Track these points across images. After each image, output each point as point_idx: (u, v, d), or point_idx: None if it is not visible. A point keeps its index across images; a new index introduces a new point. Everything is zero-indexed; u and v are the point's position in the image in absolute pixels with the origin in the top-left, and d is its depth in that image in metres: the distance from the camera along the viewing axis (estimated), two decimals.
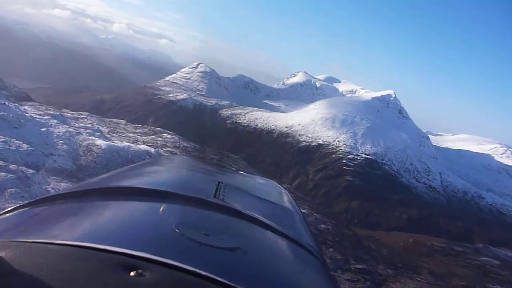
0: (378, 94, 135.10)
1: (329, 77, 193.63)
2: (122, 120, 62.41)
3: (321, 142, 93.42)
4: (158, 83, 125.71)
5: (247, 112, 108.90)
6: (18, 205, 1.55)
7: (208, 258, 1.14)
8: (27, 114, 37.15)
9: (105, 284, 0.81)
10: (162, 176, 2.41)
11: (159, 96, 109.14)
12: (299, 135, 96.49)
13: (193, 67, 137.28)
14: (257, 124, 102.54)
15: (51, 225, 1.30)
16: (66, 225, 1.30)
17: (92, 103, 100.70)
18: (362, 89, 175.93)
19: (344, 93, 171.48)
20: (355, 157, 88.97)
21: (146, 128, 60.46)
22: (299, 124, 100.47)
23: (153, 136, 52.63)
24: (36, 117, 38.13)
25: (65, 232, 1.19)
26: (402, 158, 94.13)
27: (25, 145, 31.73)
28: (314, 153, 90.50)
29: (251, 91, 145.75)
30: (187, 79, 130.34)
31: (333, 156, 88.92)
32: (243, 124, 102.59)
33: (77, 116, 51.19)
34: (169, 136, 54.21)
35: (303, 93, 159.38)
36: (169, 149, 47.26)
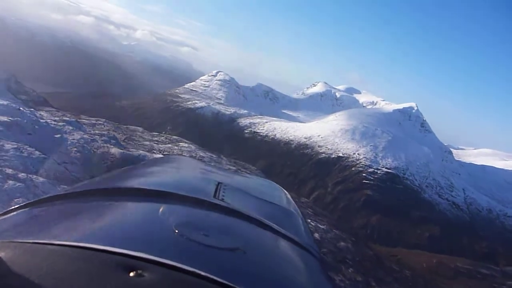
0: (400, 106, 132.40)
1: (349, 88, 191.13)
2: (139, 128, 61.64)
3: (340, 154, 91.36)
4: (177, 90, 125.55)
5: (266, 122, 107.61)
6: (18, 205, 1.55)
7: (207, 258, 1.14)
8: (42, 120, 36.39)
9: (105, 285, 0.82)
10: (162, 176, 2.39)
11: (177, 104, 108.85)
12: (318, 146, 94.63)
13: (212, 75, 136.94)
14: (275, 134, 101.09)
15: (51, 226, 1.31)
16: (65, 225, 1.31)
17: (111, 109, 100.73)
18: (383, 100, 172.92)
19: (364, 105, 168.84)
20: (376, 170, 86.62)
21: (163, 136, 59.50)
22: (318, 135, 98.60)
23: (170, 145, 51.56)
24: (51, 123, 37.34)
25: (65, 233, 1.20)
26: (424, 173, 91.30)
27: (37, 152, 30.88)
28: (333, 165, 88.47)
29: (270, 101, 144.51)
30: (206, 87, 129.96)
31: (353, 169, 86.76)
32: (261, 133, 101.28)
33: (94, 122, 50.43)
34: (185, 145, 53.09)
35: (323, 104, 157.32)
36: None
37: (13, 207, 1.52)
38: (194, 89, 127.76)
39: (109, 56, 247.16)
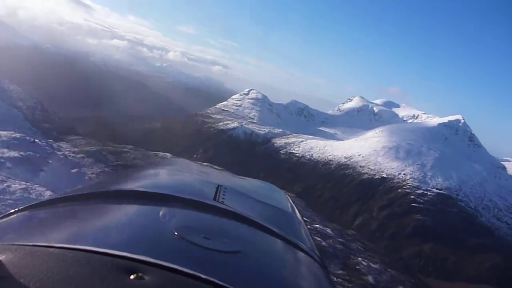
0: (445, 119, 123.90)
1: (387, 102, 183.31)
2: (168, 154, 58.07)
3: (384, 175, 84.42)
4: (209, 111, 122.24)
5: (302, 141, 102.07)
6: (18, 208, 1.55)
7: (208, 261, 1.15)
8: (59, 153, 32.66)
9: (105, 287, 0.82)
10: (162, 179, 2.43)
11: (209, 125, 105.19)
12: (360, 166, 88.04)
13: (244, 94, 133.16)
14: (312, 154, 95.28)
15: (51, 229, 1.32)
16: (66, 228, 1.31)
17: (141, 133, 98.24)
18: (425, 113, 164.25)
19: (404, 119, 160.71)
20: (425, 192, 79.17)
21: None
22: (359, 155, 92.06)
23: None
24: (69, 156, 33.53)
25: (65, 236, 1.21)
26: (479, 193, 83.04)
27: (48, 192, 26.84)
28: (377, 187, 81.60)
29: (305, 118, 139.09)
30: (238, 106, 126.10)
31: (399, 191, 79.61)
32: (297, 154, 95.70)
33: (120, 150, 46.94)
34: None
35: (360, 119, 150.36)
36: None
37: (13, 210, 1.54)
38: (225, 109, 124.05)
39: (142, 78, 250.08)
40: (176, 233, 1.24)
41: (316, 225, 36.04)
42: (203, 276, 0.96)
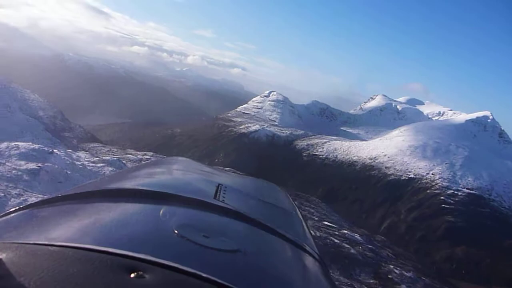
0: (472, 116, 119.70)
1: (411, 99, 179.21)
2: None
3: (412, 175, 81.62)
4: (229, 114, 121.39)
5: (325, 142, 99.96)
6: (19, 206, 1.56)
7: (208, 260, 1.16)
8: (78, 163, 32.02)
9: (106, 286, 0.82)
10: (162, 178, 2.40)
11: (230, 129, 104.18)
12: (386, 167, 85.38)
13: (264, 96, 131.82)
14: (336, 155, 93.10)
15: (52, 227, 1.31)
16: (66, 226, 1.31)
17: (162, 138, 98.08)
18: (451, 110, 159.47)
19: (430, 116, 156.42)
20: (455, 192, 76.05)
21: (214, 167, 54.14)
22: (385, 155, 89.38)
23: None
24: (88, 165, 32.88)
25: (66, 234, 1.21)
26: None
27: None
28: (404, 188, 78.92)
29: (327, 118, 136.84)
30: (259, 108, 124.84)
31: (428, 191, 76.75)
32: (320, 156, 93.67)
33: (140, 157, 46.29)
34: None
35: (384, 118, 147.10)
36: None
37: (14, 208, 1.54)
38: (246, 111, 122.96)
39: (162, 83, 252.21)
40: (176, 232, 1.25)
41: (344, 231, 34.40)
42: (204, 275, 0.96)
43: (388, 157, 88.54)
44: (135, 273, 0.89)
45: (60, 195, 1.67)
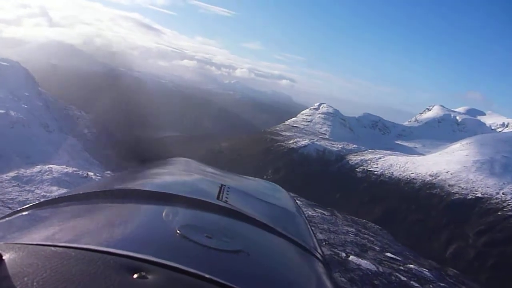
0: None
1: (470, 109, 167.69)
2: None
3: (479, 194, 74.03)
4: (277, 128, 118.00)
5: (379, 157, 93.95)
6: (22, 207, 1.58)
7: (211, 260, 1.16)
8: None
9: (109, 286, 0.82)
10: (165, 178, 2.43)
11: (279, 143, 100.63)
12: (449, 185, 78.18)
13: (314, 108, 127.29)
14: (392, 172, 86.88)
15: (54, 228, 1.32)
16: (69, 227, 1.32)
17: (209, 153, 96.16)
18: None
19: (492, 128, 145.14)
20: None
21: None
22: (447, 171, 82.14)
23: None
24: None
25: (69, 235, 1.21)
26: None
27: None
28: (471, 209, 71.53)
29: (380, 131, 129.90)
30: (308, 121, 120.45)
31: (499, 213, 69.04)
32: (375, 172, 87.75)
33: None
34: None
35: (442, 130, 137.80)
36: None
37: (17, 209, 1.56)
38: (295, 125, 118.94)
39: (211, 96, 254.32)
40: (179, 232, 1.25)
41: (411, 265, 29.72)
42: (207, 275, 0.96)
43: (451, 174, 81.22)
44: (138, 274, 0.89)
45: (63, 196, 1.71)
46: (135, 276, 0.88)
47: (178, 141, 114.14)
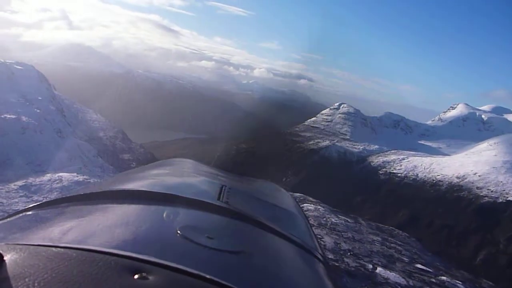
0: None
1: (496, 107, 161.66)
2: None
3: (510, 198, 70.36)
4: (297, 128, 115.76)
5: (403, 158, 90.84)
6: (23, 208, 1.59)
7: (211, 261, 1.16)
8: None
9: (110, 287, 0.83)
10: (166, 179, 2.41)
11: (298, 145, 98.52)
12: (477, 188, 74.79)
13: (334, 108, 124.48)
14: (417, 173, 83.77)
15: (56, 228, 1.33)
16: (71, 228, 1.32)
17: (227, 154, 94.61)
18: None
19: None
20: None
21: None
22: (475, 173, 78.69)
23: None
24: None
25: (70, 235, 1.22)
26: None
27: None
28: (502, 213, 68.16)
29: (402, 131, 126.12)
30: (328, 121, 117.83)
31: None
32: (399, 174, 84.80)
33: None
34: (311, 207, 41.91)
35: (467, 130, 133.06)
36: None
37: (19, 210, 1.57)
38: (315, 125, 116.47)
39: (230, 96, 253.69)
40: (180, 233, 1.26)
41: (443, 277, 27.67)
42: (207, 276, 0.97)
43: (479, 175, 77.74)
44: (139, 275, 0.89)
45: (64, 197, 1.72)
46: (136, 276, 0.89)
47: (195, 143, 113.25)
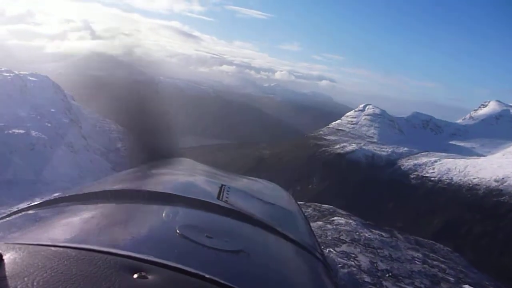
0: None
1: None
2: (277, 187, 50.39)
3: None
4: (321, 132, 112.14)
5: (435, 161, 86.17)
6: (22, 207, 1.60)
7: (211, 260, 1.17)
8: None
9: (109, 286, 0.83)
10: (165, 178, 2.44)
11: (323, 149, 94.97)
12: None
13: (359, 110, 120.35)
14: (451, 177, 79.07)
15: (55, 228, 1.33)
16: (70, 227, 1.32)
17: (251, 161, 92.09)
18: None
19: None
20: None
21: (310, 207, 45.44)
22: None
23: (320, 222, 37.84)
24: None
25: (69, 235, 1.22)
26: None
27: None
28: None
29: (432, 131, 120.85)
30: (354, 124, 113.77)
31: None
32: (432, 178, 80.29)
33: None
34: (342, 220, 38.59)
35: (501, 128, 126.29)
36: (343, 248, 31.52)
37: (18, 209, 1.58)
38: (340, 128, 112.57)
39: (251, 100, 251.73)
40: (179, 232, 1.26)
41: None
42: (207, 275, 0.97)
43: None
44: (138, 274, 0.90)
45: (63, 196, 1.73)
46: (135, 276, 0.89)
47: (219, 148, 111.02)
